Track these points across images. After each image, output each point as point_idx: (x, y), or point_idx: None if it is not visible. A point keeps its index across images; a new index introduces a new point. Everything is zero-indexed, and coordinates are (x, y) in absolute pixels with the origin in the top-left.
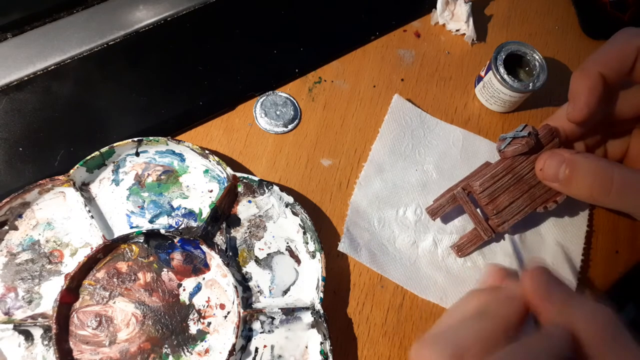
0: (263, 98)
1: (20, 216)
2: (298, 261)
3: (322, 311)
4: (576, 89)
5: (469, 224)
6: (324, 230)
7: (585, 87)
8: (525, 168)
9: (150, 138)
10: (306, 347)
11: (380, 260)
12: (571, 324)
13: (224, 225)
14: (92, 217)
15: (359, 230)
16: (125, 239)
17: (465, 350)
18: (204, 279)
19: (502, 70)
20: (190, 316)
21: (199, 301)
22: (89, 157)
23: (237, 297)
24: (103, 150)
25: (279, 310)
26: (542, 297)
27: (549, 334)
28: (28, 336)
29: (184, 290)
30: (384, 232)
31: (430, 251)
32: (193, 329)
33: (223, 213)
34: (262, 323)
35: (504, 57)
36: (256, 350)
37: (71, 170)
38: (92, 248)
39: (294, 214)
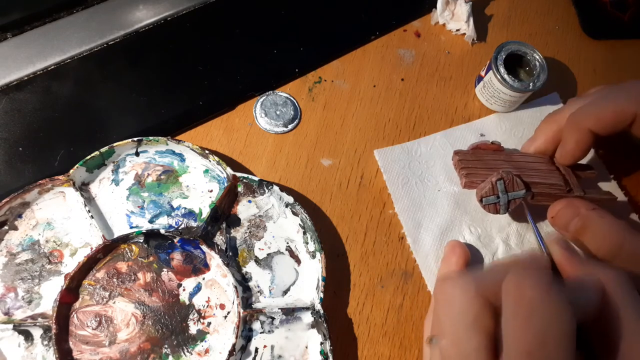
0: (263, 98)
1: (20, 216)
2: (298, 261)
3: (322, 311)
4: (565, 139)
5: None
6: (324, 230)
7: (573, 141)
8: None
9: (150, 138)
10: (306, 347)
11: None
12: (599, 278)
13: (224, 225)
14: (92, 217)
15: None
16: (125, 239)
17: (488, 285)
18: (203, 279)
19: (502, 70)
20: (190, 316)
21: (198, 301)
22: (88, 157)
23: (237, 297)
24: (103, 150)
25: (279, 310)
26: (572, 260)
27: (583, 281)
28: (28, 336)
29: (183, 290)
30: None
31: (507, 252)
32: (193, 329)
33: (223, 213)
34: (262, 323)
35: (504, 57)
36: (256, 350)
37: (71, 170)
38: (92, 248)
39: (294, 214)
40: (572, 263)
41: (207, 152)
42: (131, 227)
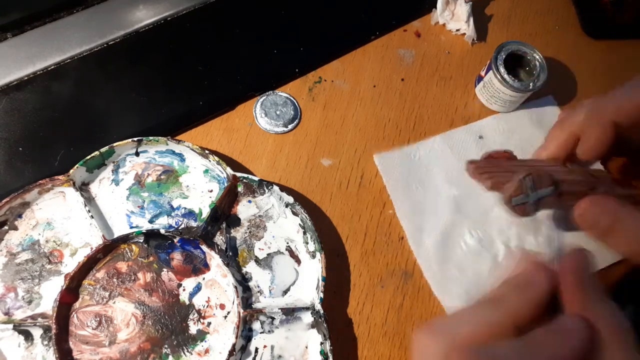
0: (263, 98)
1: (20, 216)
2: (298, 261)
3: (322, 311)
4: (586, 134)
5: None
6: (324, 230)
7: (596, 135)
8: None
9: (150, 138)
10: (306, 347)
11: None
12: (596, 321)
13: (224, 225)
14: (92, 217)
15: (454, 299)
16: (125, 239)
17: (464, 340)
18: (203, 279)
19: (502, 70)
20: (190, 316)
21: (198, 301)
22: (88, 157)
23: (237, 297)
24: (103, 150)
25: (279, 310)
26: (579, 285)
27: (565, 330)
28: (28, 336)
29: (183, 290)
30: (468, 276)
31: (507, 254)
32: (193, 329)
33: (223, 213)
34: (262, 323)
35: (504, 57)
36: (256, 350)
37: (71, 170)
38: (92, 248)
39: (294, 214)
40: (579, 291)
41: (207, 152)
42: (131, 227)
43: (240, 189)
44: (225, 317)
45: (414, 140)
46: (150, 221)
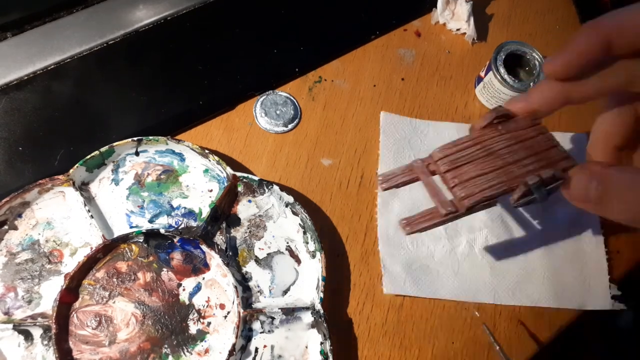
0: (263, 97)
1: (19, 216)
2: (298, 261)
3: (322, 311)
4: (571, 38)
5: (496, 221)
6: (324, 230)
7: (581, 41)
8: (498, 143)
9: (150, 137)
10: (306, 347)
11: (427, 283)
12: None
13: (223, 224)
14: (91, 216)
15: (396, 262)
16: (125, 238)
17: None
18: (203, 278)
19: (502, 70)
20: (190, 316)
21: (198, 301)
22: (88, 157)
23: (237, 297)
24: (103, 149)
25: (279, 310)
26: None
27: None
28: (28, 336)
29: (183, 290)
30: (420, 251)
31: (468, 253)
32: (193, 328)
33: (223, 213)
34: (262, 323)
35: (503, 57)
36: (256, 350)
37: (71, 170)
38: (91, 248)
39: (294, 213)
40: None
41: (207, 151)
42: (131, 227)
43: (240, 188)
44: (225, 317)
45: None
46: (150, 221)
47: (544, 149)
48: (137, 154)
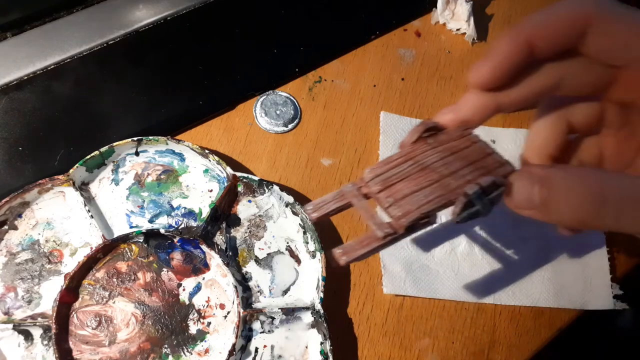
0: (263, 97)
1: (19, 216)
2: (298, 261)
3: (322, 311)
4: (492, 48)
5: (497, 221)
6: (324, 230)
7: (502, 50)
8: (431, 156)
9: (150, 137)
10: (306, 347)
11: (427, 283)
12: None
13: (223, 225)
14: (91, 216)
15: (396, 262)
16: (125, 238)
17: None
18: (203, 278)
19: None
20: (190, 316)
21: (198, 301)
22: (88, 157)
23: (237, 297)
24: (103, 149)
25: (279, 310)
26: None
27: None
28: (27, 336)
29: (183, 290)
30: (420, 251)
31: (468, 253)
32: (193, 328)
33: (223, 213)
34: (262, 323)
35: None
36: (256, 350)
37: (71, 170)
38: (91, 248)
39: (294, 213)
40: None
41: (207, 151)
42: (131, 227)
43: (240, 188)
44: (225, 317)
45: None
46: (150, 221)
47: (480, 157)
48: (137, 154)
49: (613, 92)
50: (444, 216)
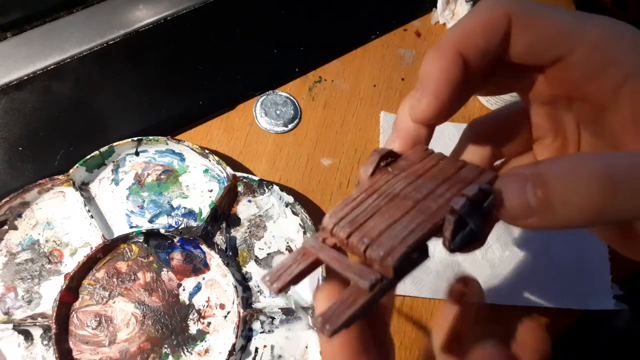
0: (263, 97)
1: (19, 216)
2: None
3: None
4: (424, 74)
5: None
6: None
7: (437, 71)
8: (396, 184)
9: (150, 137)
10: (306, 347)
11: (427, 283)
12: None
13: (223, 225)
14: (91, 216)
15: None
16: (125, 238)
17: None
18: (203, 278)
19: None
20: (190, 316)
21: (198, 301)
22: (88, 157)
23: (237, 297)
24: (103, 149)
25: (279, 310)
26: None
27: None
28: (28, 336)
29: (183, 290)
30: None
31: (468, 253)
32: (193, 328)
33: (223, 213)
34: (262, 323)
35: None
36: (256, 350)
37: (71, 170)
38: (91, 248)
39: (294, 213)
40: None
41: (207, 151)
42: (131, 227)
43: (240, 188)
44: (225, 317)
45: None
46: (150, 221)
47: (453, 172)
48: (137, 154)
49: (541, 92)
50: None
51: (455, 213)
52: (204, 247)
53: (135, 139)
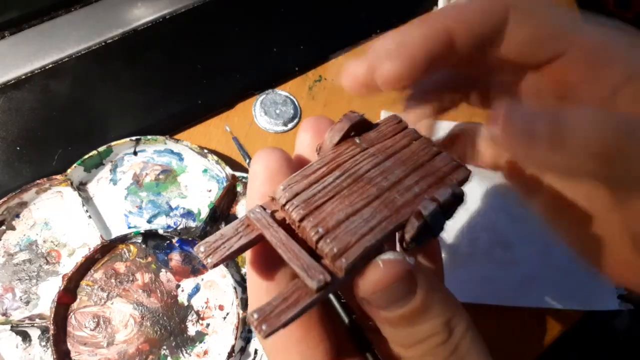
0: (263, 97)
1: (17, 216)
2: None
3: None
4: (404, 37)
5: (499, 219)
6: None
7: (419, 39)
8: (362, 163)
9: (149, 137)
10: None
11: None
12: None
13: (223, 225)
14: (89, 217)
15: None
16: (123, 239)
17: None
18: (202, 279)
19: None
20: (189, 317)
21: (197, 302)
22: (86, 157)
23: (237, 297)
24: (101, 149)
25: None
26: None
27: None
28: (25, 337)
29: (182, 291)
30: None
31: (470, 253)
32: (192, 330)
33: (222, 213)
34: None
35: None
36: (255, 351)
37: (69, 170)
38: (89, 248)
39: None
40: None
41: (205, 151)
42: (129, 227)
43: (239, 188)
44: (225, 318)
45: None
46: (149, 221)
47: (426, 159)
48: (135, 153)
49: (529, 94)
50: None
51: (422, 218)
52: None
53: (133, 138)
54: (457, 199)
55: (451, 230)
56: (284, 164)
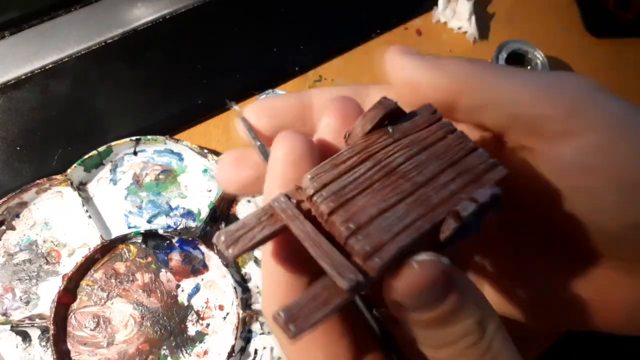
0: (263, 97)
1: (17, 216)
2: None
3: None
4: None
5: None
6: None
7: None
8: (396, 154)
9: (149, 137)
10: None
11: None
12: None
13: (222, 225)
14: (89, 217)
15: None
16: (123, 239)
17: None
18: (202, 279)
19: None
20: (189, 317)
21: (197, 302)
22: (86, 157)
23: (237, 297)
24: (101, 149)
25: None
26: None
27: None
28: (25, 337)
29: (182, 291)
30: None
31: None
32: (192, 330)
33: (222, 213)
34: (261, 324)
35: (505, 56)
36: (255, 352)
37: (69, 170)
38: (89, 248)
39: None
40: None
41: (205, 151)
42: (129, 227)
43: None
44: (225, 318)
45: None
46: (149, 221)
47: (461, 155)
48: (135, 153)
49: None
50: None
51: (460, 220)
52: (202, 247)
53: (133, 138)
54: (495, 200)
55: None
56: (309, 149)
